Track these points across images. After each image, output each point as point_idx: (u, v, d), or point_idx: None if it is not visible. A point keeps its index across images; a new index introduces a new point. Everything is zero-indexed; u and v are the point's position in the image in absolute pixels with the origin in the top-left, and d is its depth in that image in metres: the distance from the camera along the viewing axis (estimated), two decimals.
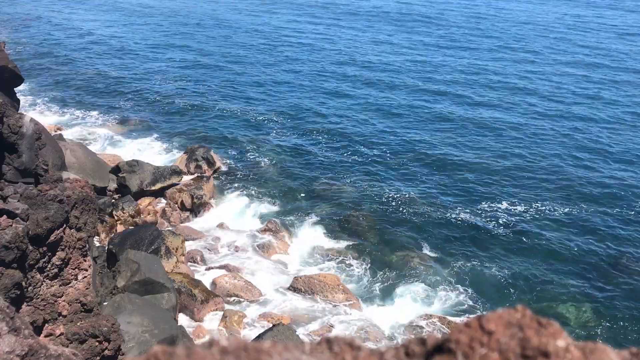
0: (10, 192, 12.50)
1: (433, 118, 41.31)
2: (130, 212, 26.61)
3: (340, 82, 49.13)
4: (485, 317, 1.39)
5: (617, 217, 29.03)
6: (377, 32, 68.11)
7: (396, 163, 34.32)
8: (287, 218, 28.49)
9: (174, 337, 17.41)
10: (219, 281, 23.13)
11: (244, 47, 60.27)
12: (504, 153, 35.79)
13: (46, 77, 48.82)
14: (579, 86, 48.92)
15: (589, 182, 32.30)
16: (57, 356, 7.82)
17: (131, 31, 66.65)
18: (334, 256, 25.73)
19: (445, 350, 1.36)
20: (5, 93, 24.02)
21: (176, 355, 1.35)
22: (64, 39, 61.69)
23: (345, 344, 1.45)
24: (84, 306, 13.52)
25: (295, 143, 36.95)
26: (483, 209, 29.47)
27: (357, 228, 27.76)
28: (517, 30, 69.99)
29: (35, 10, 76.45)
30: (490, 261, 25.57)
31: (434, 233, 27.45)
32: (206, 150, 32.60)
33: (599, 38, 66.24)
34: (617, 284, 24.30)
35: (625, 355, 1.45)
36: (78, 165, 26.48)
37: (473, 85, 48.64)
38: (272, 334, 18.32)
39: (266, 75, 50.71)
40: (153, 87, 47.20)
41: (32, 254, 12.36)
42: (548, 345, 1.32)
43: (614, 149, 36.61)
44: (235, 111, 42.04)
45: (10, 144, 13.47)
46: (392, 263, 25.27)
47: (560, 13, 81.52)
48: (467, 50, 60.20)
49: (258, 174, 32.75)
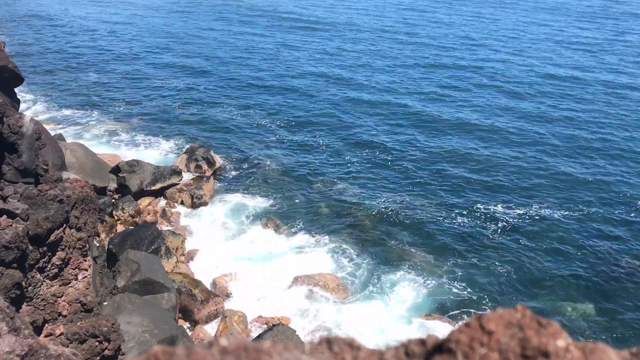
0: (10, 192, 12.50)
1: (433, 118, 41.30)
2: (130, 212, 26.60)
3: (341, 83, 49.13)
4: (485, 317, 1.39)
5: (617, 217, 29.03)
6: (378, 33, 68.12)
7: (396, 164, 34.32)
8: (287, 217, 28.49)
9: (174, 337, 17.41)
10: (219, 281, 23.13)
11: (244, 47, 60.26)
12: (504, 153, 35.78)
13: (46, 77, 48.81)
14: (578, 86, 48.93)
15: (588, 182, 32.30)
16: (57, 356, 7.82)
17: (132, 31, 66.63)
18: (334, 256, 25.73)
19: (445, 350, 1.36)
20: (5, 93, 24.02)
21: (176, 355, 1.35)
22: (64, 39, 61.67)
23: (345, 344, 1.45)
24: (84, 306, 13.52)
25: (296, 143, 36.95)
26: (483, 209, 29.47)
27: (357, 228, 27.76)
28: (516, 32, 70.00)
29: (35, 10, 76.44)
30: (490, 261, 25.56)
31: (433, 233, 27.45)
32: (206, 150, 32.60)
33: (601, 36, 66.24)
34: (617, 284, 24.29)
35: (625, 355, 1.45)
36: (78, 165, 26.47)
37: (473, 86, 48.64)
38: (272, 334, 18.32)
39: (267, 75, 50.70)
40: (153, 87, 47.20)
41: (32, 254, 12.36)
42: (548, 345, 1.32)
43: (614, 149, 36.60)
44: (235, 111, 42.04)
45: (10, 144, 13.47)
46: (392, 263, 25.27)
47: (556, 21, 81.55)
48: (469, 51, 60.20)
49: (258, 174, 32.75)
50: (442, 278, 24.38)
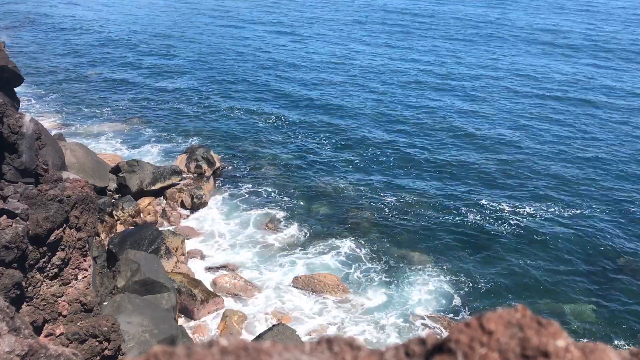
0: (10, 192, 12.50)
1: (433, 119, 41.31)
2: (130, 212, 26.61)
3: (341, 83, 49.13)
4: (485, 317, 1.39)
5: (616, 217, 29.02)
6: (377, 36, 68.12)
7: (396, 164, 34.33)
8: (287, 217, 28.49)
9: (174, 337, 17.41)
10: (219, 281, 23.13)
11: (245, 48, 60.25)
12: (505, 154, 35.79)
13: (46, 77, 48.81)
14: (576, 87, 48.94)
15: (588, 183, 32.30)
16: (57, 356, 7.82)
17: (132, 31, 66.63)
18: (334, 255, 25.74)
19: (445, 350, 1.36)
20: (5, 93, 24.01)
21: (176, 355, 1.35)
22: (64, 39, 61.67)
23: (345, 343, 1.45)
24: (84, 306, 13.52)
25: (296, 143, 36.95)
26: (483, 209, 29.47)
27: (358, 228, 27.77)
28: (520, 32, 70.02)
29: (35, 10, 76.44)
30: (490, 261, 25.57)
31: (434, 233, 27.46)
32: (206, 150, 32.60)
33: (609, 31, 66.24)
34: (617, 284, 24.30)
35: (625, 355, 1.45)
36: (78, 165, 26.45)
37: (472, 87, 48.64)
38: (272, 334, 18.32)
39: (267, 75, 50.70)
40: (153, 88, 47.19)
41: (32, 254, 12.36)
42: (548, 345, 1.32)
43: (613, 150, 36.60)
44: (235, 111, 42.04)
45: (10, 144, 13.46)
46: (392, 262, 25.28)
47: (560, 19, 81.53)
48: (470, 52, 60.21)
49: (258, 173, 32.76)
50: (442, 278, 24.38)
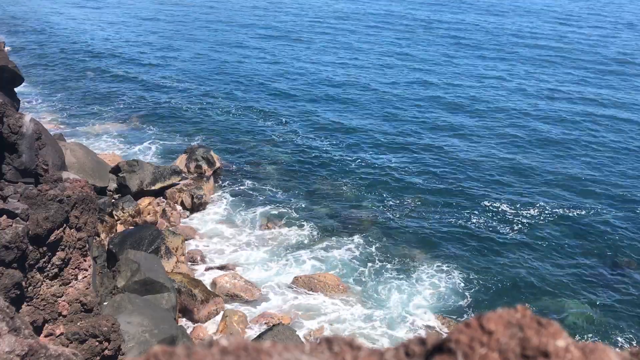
0: (10, 192, 12.50)
1: (437, 118, 41.32)
2: (130, 212, 26.60)
3: (341, 84, 49.13)
4: (485, 317, 1.39)
5: (616, 217, 29.02)
6: (378, 37, 68.12)
7: (397, 165, 34.32)
8: (288, 217, 28.49)
9: (174, 337, 17.41)
10: (219, 281, 23.12)
11: (245, 48, 60.26)
12: (505, 154, 35.79)
13: (46, 77, 48.81)
14: (577, 86, 48.93)
15: (589, 183, 32.30)
16: (57, 356, 7.82)
17: (132, 31, 66.64)
18: (334, 256, 25.74)
19: (445, 350, 1.36)
20: (5, 93, 24.01)
21: (176, 355, 1.35)
22: (64, 39, 61.67)
23: (345, 343, 1.45)
24: (84, 306, 13.52)
25: (296, 143, 36.94)
26: (483, 210, 29.48)
27: (358, 228, 27.77)
28: (523, 32, 70.01)
29: (35, 10, 76.44)
30: (490, 261, 25.57)
31: (434, 234, 27.46)
32: (206, 150, 32.59)
33: (611, 34, 66.26)
34: (617, 284, 24.30)
35: (625, 355, 1.45)
36: (78, 165, 26.45)
37: (472, 88, 48.65)
38: (272, 334, 18.33)
39: (267, 76, 50.70)
40: (153, 88, 47.19)
41: (32, 254, 12.36)
42: (548, 345, 1.32)
43: (613, 149, 36.60)
44: (235, 111, 42.04)
45: (10, 144, 13.46)
46: (392, 262, 25.28)
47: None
48: (471, 53, 60.21)
49: (258, 174, 32.77)
50: (442, 278, 24.38)
